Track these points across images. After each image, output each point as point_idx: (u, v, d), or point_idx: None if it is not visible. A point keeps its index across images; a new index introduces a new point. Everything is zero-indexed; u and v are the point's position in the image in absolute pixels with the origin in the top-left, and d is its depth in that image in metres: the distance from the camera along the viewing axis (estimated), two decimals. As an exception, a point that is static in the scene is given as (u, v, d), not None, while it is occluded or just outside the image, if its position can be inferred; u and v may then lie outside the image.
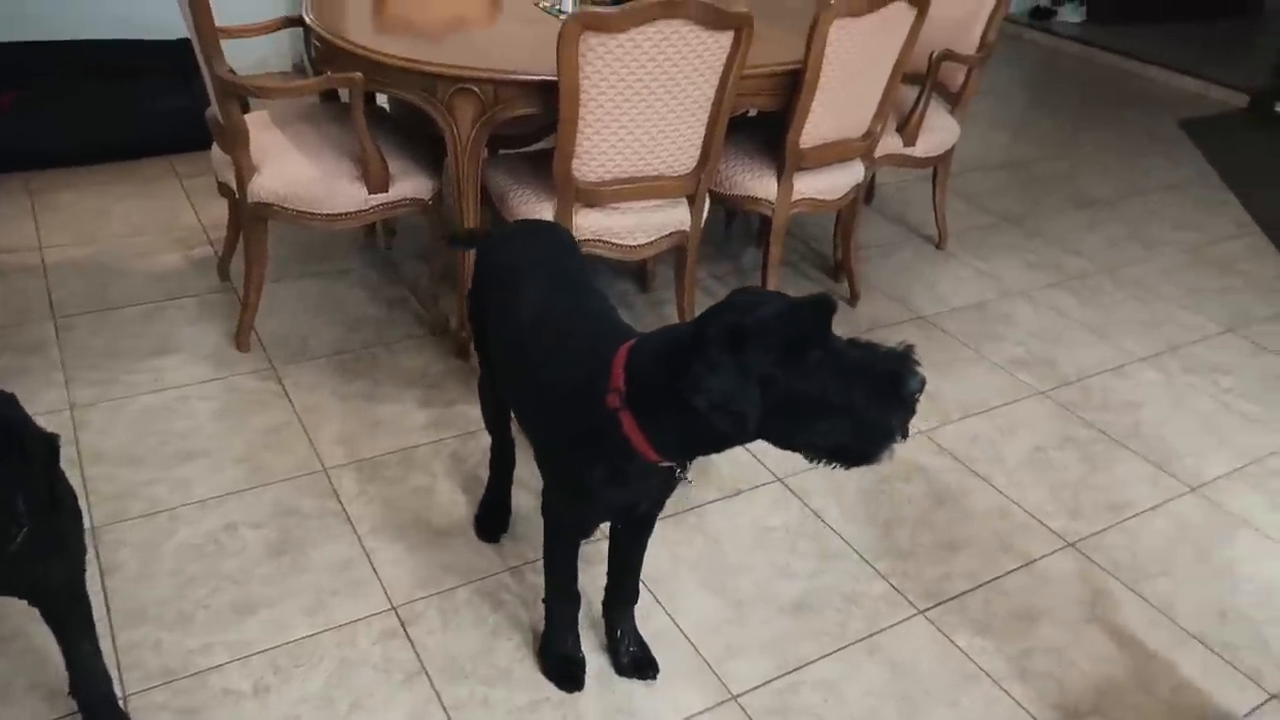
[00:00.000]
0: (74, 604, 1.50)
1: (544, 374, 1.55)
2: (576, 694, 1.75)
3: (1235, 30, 7.04)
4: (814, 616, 1.96)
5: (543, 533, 1.69)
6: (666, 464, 1.43)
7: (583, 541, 1.71)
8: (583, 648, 1.80)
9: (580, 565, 1.76)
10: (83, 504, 1.50)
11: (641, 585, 1.83)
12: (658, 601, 1.95)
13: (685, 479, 1.50)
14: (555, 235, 1.86)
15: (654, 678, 1.79)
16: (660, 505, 1.67)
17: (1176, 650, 1.97)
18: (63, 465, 1.37)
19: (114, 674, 1.66)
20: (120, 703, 1.64)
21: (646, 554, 1.77)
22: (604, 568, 1.80)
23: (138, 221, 3.21)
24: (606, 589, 1.80)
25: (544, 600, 1.77)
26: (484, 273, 1.80)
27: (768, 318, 1.23)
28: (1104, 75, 5.96)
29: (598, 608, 1.85)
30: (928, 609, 2.01)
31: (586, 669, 1.78)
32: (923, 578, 2.08)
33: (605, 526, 1.84)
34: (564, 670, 1.77)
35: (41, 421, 1.38)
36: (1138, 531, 2.27)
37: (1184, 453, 2.55)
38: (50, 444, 1.31)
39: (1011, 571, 2.12)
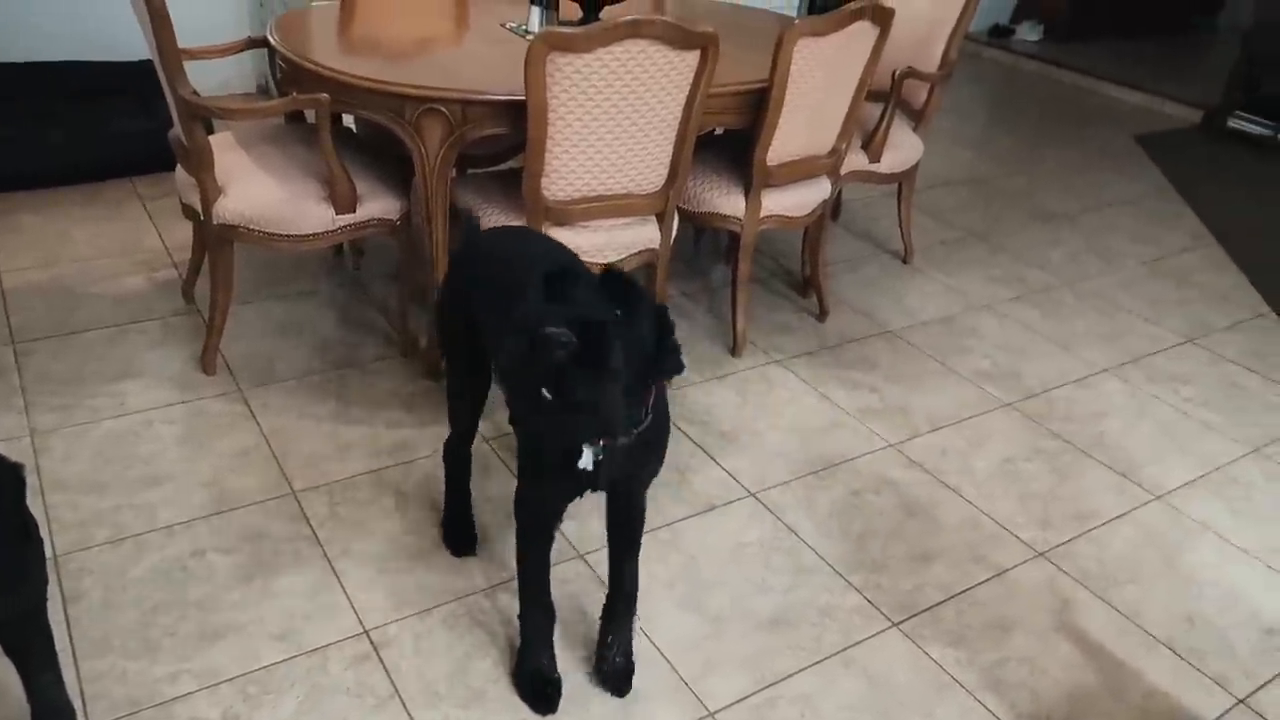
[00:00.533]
0: (35, 635, 1.46)
1: None
2: (550, 716, 1.73)
3: (1189, 47, 7.22)
4: (789, 631, 1.97)
5: (515, 538, 1.69)
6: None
7: (573, 555, 1.70)
8: (559, 668, 1.79)
9: (556, 582, 1.75)
10: (44, 532, 1.48)
11: (617, 603, 1.83)
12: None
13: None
14: (540, 233, 1.90)
15: (623, 694, 1.78)
16: (637, 480, 1.67)
17: (1146, 657, 1.99)
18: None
19: (78, 705, 1.63)
20: (85, 735, 1.61)
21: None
22: (586, 584, 1.79)
23: (100, 244, 3.17)
24: (607, 597, 1.80)
25: (519, 616, 1.76)
26: (477, 261, 1.80)
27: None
28: (1062, 92, 6.08)
29: (573, 626, 1.84)
30: (901, 621, 2.02)
31: (562, 689, 1.76)
32: (896, 590, 2.09)
33: (603, 537, 1.84)
34: (537, 690, 1.75)
35: (0, 449, 1.35)
36: (1105, 540, 2.30)
37: (1147, 462, 2.59)
38: (16, 473, 1.28)
39: (983, 582, 2.14)
